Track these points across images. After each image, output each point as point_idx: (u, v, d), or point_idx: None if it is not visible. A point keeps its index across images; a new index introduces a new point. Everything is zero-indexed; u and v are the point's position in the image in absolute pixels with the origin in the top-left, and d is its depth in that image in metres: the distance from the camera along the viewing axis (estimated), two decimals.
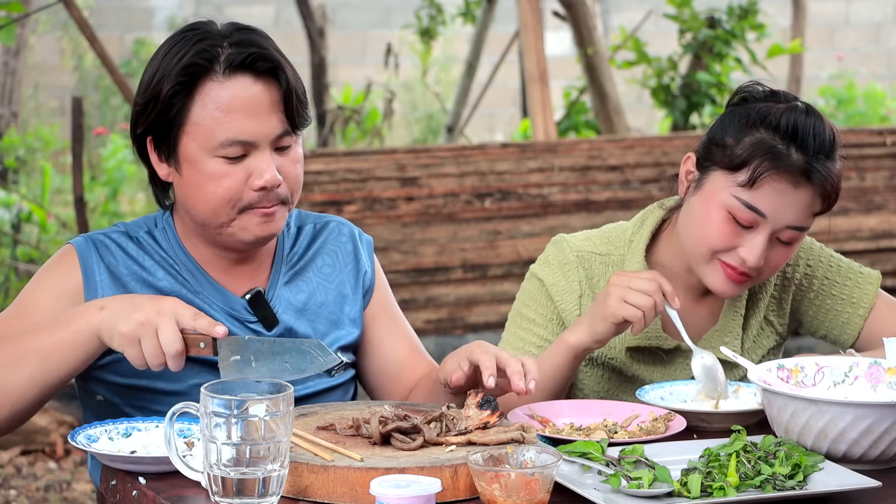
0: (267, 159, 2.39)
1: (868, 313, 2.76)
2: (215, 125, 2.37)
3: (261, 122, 2.38)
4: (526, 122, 9.61)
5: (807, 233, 2.74)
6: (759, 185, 2.54)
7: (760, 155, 2.53)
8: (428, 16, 8.85)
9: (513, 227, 6.54)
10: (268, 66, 2.40)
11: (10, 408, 2.30)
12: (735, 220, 2.56)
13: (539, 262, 2.75)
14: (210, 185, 2.39)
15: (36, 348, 2.29)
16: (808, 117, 2.56)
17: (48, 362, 2.29)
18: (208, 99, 2.38)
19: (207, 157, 2.38)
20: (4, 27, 4.87)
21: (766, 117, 2.56)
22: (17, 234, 7.85)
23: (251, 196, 2.39)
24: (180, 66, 2.39)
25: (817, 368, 2.42)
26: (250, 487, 1.96)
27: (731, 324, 2.72)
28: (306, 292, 2.56)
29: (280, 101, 2.40)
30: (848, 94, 11.91)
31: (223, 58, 2.39)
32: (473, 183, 6.50)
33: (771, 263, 2.60)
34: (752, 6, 7.62)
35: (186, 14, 12.00)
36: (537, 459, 2.03)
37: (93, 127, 10.76)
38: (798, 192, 2.55)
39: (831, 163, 2.57)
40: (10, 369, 2.29)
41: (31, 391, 2.30)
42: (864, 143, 7.15)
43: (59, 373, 2.30)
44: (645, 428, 2.38)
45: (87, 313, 2.29)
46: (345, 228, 2.66)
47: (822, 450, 2.20)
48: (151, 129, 2.43)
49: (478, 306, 6.48)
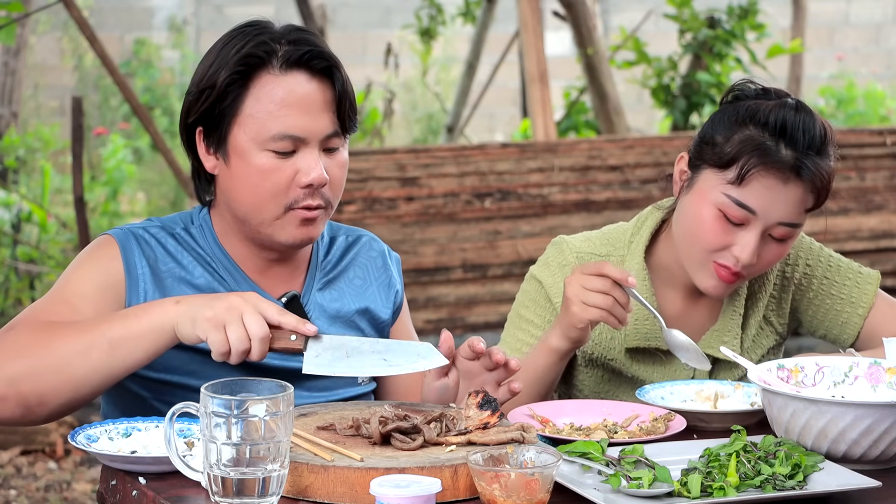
0: (315, 157, 2.40)
1: (867, 313, 2.76)
2: (268, 118, 2.39)
3: (313, 119, 2.40)
4: (526, 122, 9.60)
5: (804, 231, 2.75)
6: (748, 182, 2.54)
7: (749, 152, 2.54)
8: (428, 16, 8.84)
9: (513, 227, 6.54)
10: (324, 64, 2.42)
11: (71, 393, 2.27)
12: (726, 218, 2.56)
13: (539, 264, 2.75)
14: (257, 178, 2.40)
15: (106, 336, 2.26)
16: (798, 114, 2.56)
17: (117, 352, 2.26)
18: (263, 92, 2.40)
19: (257, 150, 2.39)
20: (4, 27, 4.87)
21: (756, 114, 2.57)
22: (17, 234, 7.85)
23: (296, 193, 2.40)
24: (238, 56, 2.41)
25: (817, 368, 2.42)
26: (250, 487, 1.96)
27: (730, 323, 2.72)
28: (339, 301, 2.57)
29: (333, 101, 2.42)
30: (848, 94, 11.91)
31: (280, 53, 2.42)
32: (473, 183, 6.50)
33: (763, 261, 2.60)
34: (752, 6, 7.62)
35: (186, 14, 12.00)
36: (537, 459, 2.03)
37: (93, 127, 10.76)
38: (788, 189, 2.55)
39: (822, 159, 2.57)
40: (77, 355, 2.26)
41: (95, 379, 2.27)
42: (864, 143, 7.15)
43: (126, 363, 2.27)
44: (645, 428, 2.38)
45: (162, 306, 2.27)
46: (375, 244, 2.68)
47: (822, 450, 2.20)
48: (203, 119, 2.44)
49: (478, 306, 6.48)
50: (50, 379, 2.25)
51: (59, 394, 2.26)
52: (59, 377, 2.25)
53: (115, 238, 2.47)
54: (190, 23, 12.03)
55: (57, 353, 2.26)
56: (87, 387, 2.27)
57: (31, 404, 2.26)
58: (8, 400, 2.25)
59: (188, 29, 12.01)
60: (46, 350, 2.26)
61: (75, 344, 2.26)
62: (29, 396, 2.25)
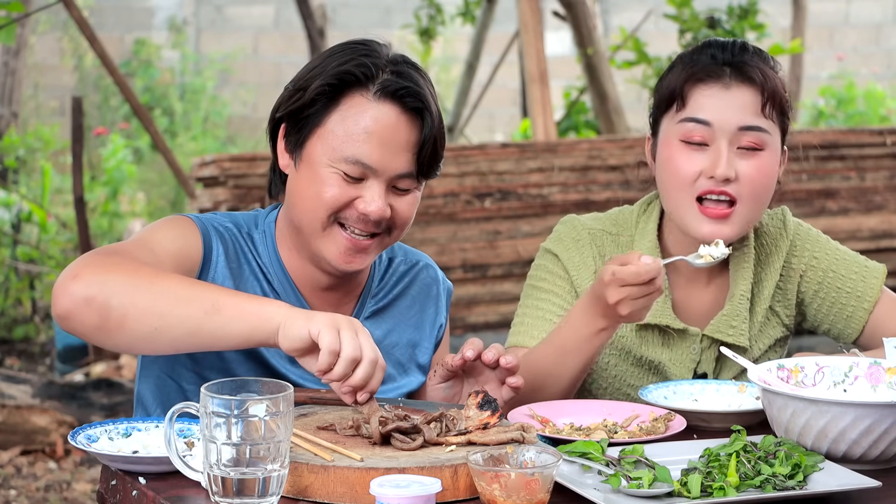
0: (381, 191, 2.38)
1: (873, 307, 2.76)
2: (347, 139, 2.37)
3: (391, 154, 2.38)
4: (526, 122, 9.61)
5: (813, 225, 2.76)
6: (692, 98, 2.62)
7: (682, 76, 2.63)
8: (427, 16, 8.84)
9: (513, 227, 6.54)
10: (417, 104, 2.38)
11: (151, 329, 2.20)
12: (690, 143, 2.61)
13: (551, 240, 2.76)
14: (320, 188, 2.38)
15: (212, 297, 2.20)
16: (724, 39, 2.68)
17: (215, 316, 2.18)
18: (351, 112, 2.38)
19: (328, 166, 2.38)
20: (4, 27, 4.87)
21: (683, 54, 2.70)
22: (17, 234, 7.85)
23: (353, 214, 2.38)
24: (337, 70, 2.39)
25: (817, 368, 2.42)
26: (250, 487, 1.96)
27: (738, 307, 2.72)
28: (384, 329, 2.57)
29: (417, 143, 2.39)
30: (848, 94, 11.91)
31: (379, 80, 2.38)
32: (473, 183, 6.50)
33: (746, 180, 2.61)
34: (752, 6, 7.62)
35: (186, 14, 12.01)
36: (537, 459, 2.03)
37: (93, 127, 10.76)
38: (732, 93, 2.61)
39: (758, 59, 2.64)
40: (177, 297, 2.20)
41: (179, 329, 2.20)
42: (864, 143, 7.15)
43: (215, 333, 2.20)
44: (645, 428, 2.38)
45: (274, 302, 2.21)
46: (431, 272, 2.67)
47: (822, 450, 2.20)
48: (289, 117, 2.43)
49: (478, 306, 6.48)
50: (141, 303, 2.18)
51: (141, 323, 2.19)
52: (151, 306, 2.18)
53: (194, 221, 2.44)
54: (190, 23, 12.04)
55: (160, 285, 2.20)
56: (167, 332, 2.20)
57: (111, 319, 2.19)
58: (93, 303, 2.18)
59: (188, 29, 12.01)
60: (154, 277, 2.21)
61: (182, 287, 2.21)
62: (113, 310, 2.18)
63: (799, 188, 7.01)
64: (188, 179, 6.71)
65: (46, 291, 7.69)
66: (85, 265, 2.23)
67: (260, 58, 12.10)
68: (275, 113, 2.46)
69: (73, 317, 2.20)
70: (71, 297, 2.20)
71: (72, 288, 2.20)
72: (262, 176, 6.12)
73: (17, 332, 7.51)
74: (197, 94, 11.67)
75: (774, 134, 2.65)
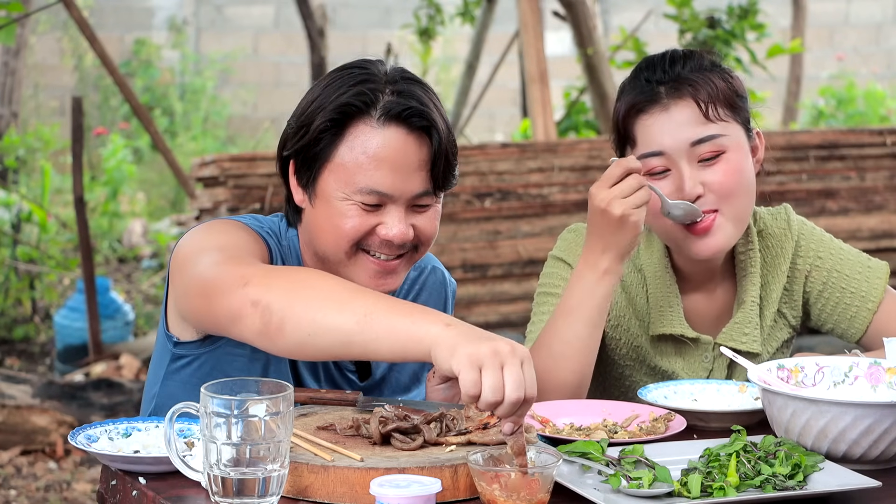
0: (400, 215, 2.37)
1: (877, 307, 2.75)
2: (358, 170, 2.35)
3: (404, 177, 2.36)
4: (526, 122, 9.61)
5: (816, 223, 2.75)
6: (638, 132, 2.60)
7: (621, 115, 2.62)
8: (426, 16, 8.84)
9: (513, 227, 6.54)
10: (423, 123, 2.36)
11: (306, 335, 2.15)
12: (654, 175, 2.60)
13: (560, 249, 2.75)
14: (338, 221, 2.36)
15: (369, 307, 2.11)
16: (652, 59, 2.64)
17: (367, 327, 2.11)
18: (357, 142, 2.35)
19: (343, 199, 2.36)
20: (4, 27, 4.87)
21: (623, 86, 2.66)
22: (17, 234, 7.85)
23: (375, 241, 2.37)
24: (337, 103, 2.36)
25: (817, 368, 2.42)
26: (250, 487, 1.96)
27: (749, 314, 2.71)
28: None
29: (428, 160, 2.37)
30: (848, 94, 11.91)
31: (381, 104, 2.35)
32: (473, 183, 6.50)
33: (717, 186, 2.59)
34: (752, 6, 7.61)
35: (186, 14, 12.01)
36: (537, 459, 2.03)
37: (93, 127, 10.77)
38: (671, 112, 2.59)
39: (690, 72, 2.60)
40: (329, 309, 2.15)
41: (329, 337, 2.14)
42: (864, 143, 7.15)
43: (367, 345, 2.12)
44: (645, 428, 2.38)
45: (431, 317, 2.09)
46: (439, 275, 2.66)
47: (822, 450, 2.20)
48: (297, 154, 2.40)
49: (478, 306, 6.48)
50: (298, 307, 2.15)
51: (298, 328, 2.14)
52: (306, 310, 2.14)
53: (250, 226, 2.42)
54: (190, 23, 12.04)
55: (318, 288, 2.17)
56: (321, 338, 2.14)
57: (272, 323, 2.16)
58: (258, 307, 2.16)
59: (188, 29, 12.01)
60: (313, 280, 2.18)
61: (337, 292, 2.17)
62: (274, 314, 2.16)
63: (799, 188, 7.00)
64: (188, 179, 6.71)
65: (46, 291, 7.69)
66: (253, 272, 2.21)
67: (260, 58, 12.10)
68: (281, 150, 2.43)
69: (240, 320, 2.19)
70: (239, 300, 2.18)
71: (241, 293, 2.19)
72: (262, 176, 6.12)
73: (17, 332, 7.51)
74: (197, 94, 11.68)
75: (731, 131, 2.61)
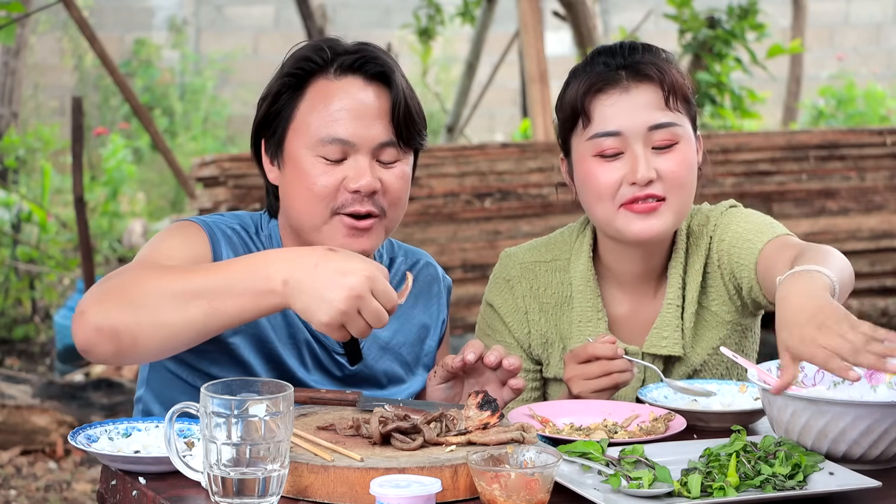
0: (365, 164, 2.38)
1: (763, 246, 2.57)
2: (319, 122, 2.38)
3: (365, 125, 2.38)
4: (526, 122, 9.60)
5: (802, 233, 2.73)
6: (594, 112, 2.59)
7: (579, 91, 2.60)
8: (426, 15, 8.84)
9: (513, 227, 6.54)
10: (378, 69, 2.40)
11: (162, 342, 2.21)
12: (604, 157, 2.58)
13: (489, 284, 2.81)
14: (307, 181, 2.38)
15: (203, 294, 2.18)
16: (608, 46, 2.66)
17: (216, 313, 2.18)
18: (318, 98, 2.39)
19: (309, 156, 2.39)
20: (4, 27, 4.87)
21: (575, 69, 2.67)
22: (17, 234, 7.85)
23: (345, 197, 2.38)
24: (295, 58, 2.42)
25: (817, 368, 2.42)
26: (250, 487, 1.96)
27: (667, 317, 2.68)
28: (391, 330, 2.57)
29: (389, 109, 2.40)
30: (848, 94, 11.91)
31: (337, 59, 2.40)
32: (473, 183, 6.50)
33: (668, 175, 2.57)
34: (752, 6, 7.61)
35: (186, 14, 12.00)
36: (537, 459, 2.03)
37: (93, 127, 10.76)
38: (632, 94, 2.59)
39: (651, 56, 2.61)
40: (174, 307, 2.19)
41: (187, 335, 2.21)
42: (864, 143, 7.14)
43: (223, 325, 2.20)
44: (645, 428, 2.38)
45: (265, 264, 2.16)
46: (432, 269, 2.68)
47: (822, 450, 2.20)
48: (263, 126, 2.44)
49: (477, 306, 6.45)
50: (143, 319, 2.19)
51: (151, 337, 2.19)
52: (152, 319, 2.18)
53: (201, 226, 2.43)
54: (190, 23, 12.04)
55: (154, 294, 2.19)
56: (179, 337, 2.21)
57: (123, 342, 2.20)
58: (103, 333, 2.19)
59: (188, 29, 12.01)
60: (145, 287, 2.20)
61: (175, 288, 2.19)
62: (122, 334, 2.19)
63: (799, 188, 7.00)
64: (188, 179, 6.71)
65: (46, 291, 7.69)
66: (87, 299, 2.24)
67: (260, 58, 12.09)
68: (253, 130, 2.47)
69: (92, 349, 2.23)
70: (83, 332, 2.22)
71: (81, 325, 2.22)
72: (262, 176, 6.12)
73: (17, 332, 7.51)
74: (197, 94, 11.67)
75: (685, 124, 2.61)
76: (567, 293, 2.73)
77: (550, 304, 2.73)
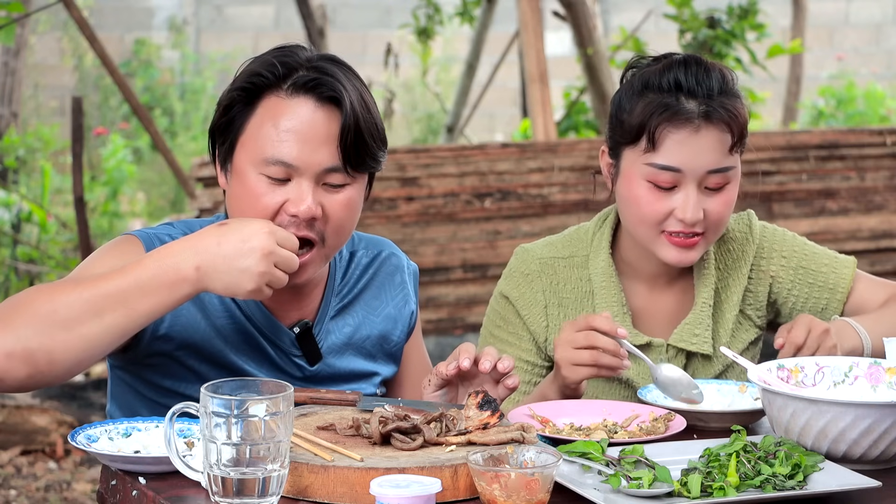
0: (307, 189, 2.33)
1: (846, 297, 2.78)
2: (265, 141, 2.33)
3: (311, 149, 2.33)
4: (526, 122, 9.60)
5: (781, 225, 2.77)
6: (662, 143, 2.59)
7: (653, 114, 2.58)
8: (426, 15, 8.84)
9: (513, 227, 6.54)
10: (329, 93, 2.33)
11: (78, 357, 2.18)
12: (657, 186, 2.60)
13: (504, 277, 2.78)
14: (249, 200, 2.34)
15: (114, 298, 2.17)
16: (689, 67, 2.62)
17: (131, 315, 2.18)
18: (267, 115, 2.34)
19: (253, 173, 2.34)
20: (4, 27, 4.87)
21: (649, 80, 2.62)
22: (17, 234, 7.85)
23: (284, 219, 2.33)
24: (248, 72, 2.37)
25: (817, 368, 2.42)
26: (250, 487, 1.96)
27: (700, 315, 2.71)
28: (352, 326, 2.54)
29: (338, 134, 2.34)
30: (848, 94, 11.91)
31: (291, 77, 2.34)
32: (473, 183, 6.50)
33: (714, 215, 2.62)
34: (752, 6, 7.61)
35: (186, 14, 12.01)
36: (537, 459, 2.03)
37: (93, 127, 10.77)
38: (701, 136, 2.59)
39: (726, 98, 2.61)
40: (88, 317, 2.17)
41: (108, 339, 2.20)
42: (864, 143, 7.14)
43: (143, 323, 2.21)
44: (645, 428, 2.38)
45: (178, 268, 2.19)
46: (394, 259, 2.63)
47: (822, 450, 2.20)
48: (217, 133, 2.41)
49: (478, 306, 6.48)
50: (58, 335, 2.16)
51: (68, 352, 2.17)
52: (67, 334, 2.16)
53: (139, 239, 2.40)
54: (190, 23, 12.04)
55: (64, 310, 2.17)
56: (98, 347, 2.19)
57: (39, 362, 2.16)
58: (14, 357, 2.15)
59: (188, 29, 12.01)
60: (54, 303, 2.17)
61: (85, 297, 2.17)
62: (36, 353, 2.15)
63: (799, 188, 7.00)
64: (188, 179, 6.71)
65: None
66: None
67: None
68: (209, 134, 2.44)
69: (5, 375, 2.17)
70: None
71: None
72: None
73: None
74: (197, 94, 11.67)
75: (738, 164, 2.65)
76: (586, 289, 2.73)
77: (570, 299, 2.73)
